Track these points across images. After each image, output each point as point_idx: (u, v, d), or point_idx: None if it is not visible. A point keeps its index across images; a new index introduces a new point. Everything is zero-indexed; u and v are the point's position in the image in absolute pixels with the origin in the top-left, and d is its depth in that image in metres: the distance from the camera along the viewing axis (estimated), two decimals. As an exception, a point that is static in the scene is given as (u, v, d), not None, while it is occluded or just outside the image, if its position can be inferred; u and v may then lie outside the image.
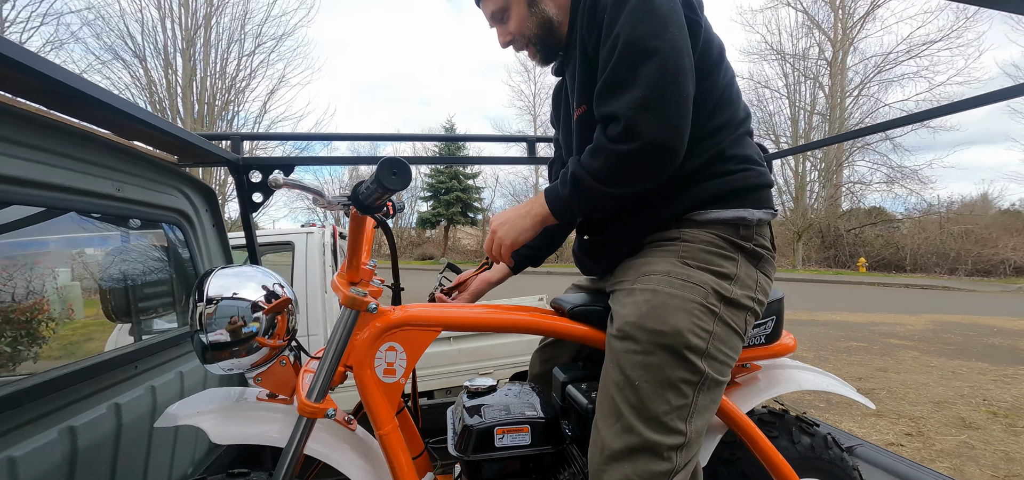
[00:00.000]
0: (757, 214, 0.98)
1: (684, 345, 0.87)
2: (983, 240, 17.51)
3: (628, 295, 0.95)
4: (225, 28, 14.70)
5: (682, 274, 0.92)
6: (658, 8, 0.86)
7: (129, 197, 1.21)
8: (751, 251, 0.98)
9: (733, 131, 0.99)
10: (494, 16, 1.10)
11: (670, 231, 0.99)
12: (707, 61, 0.94)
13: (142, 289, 1.39)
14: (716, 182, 0.96)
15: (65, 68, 0.81)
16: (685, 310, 0.88)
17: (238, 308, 0.87)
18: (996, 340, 6.79)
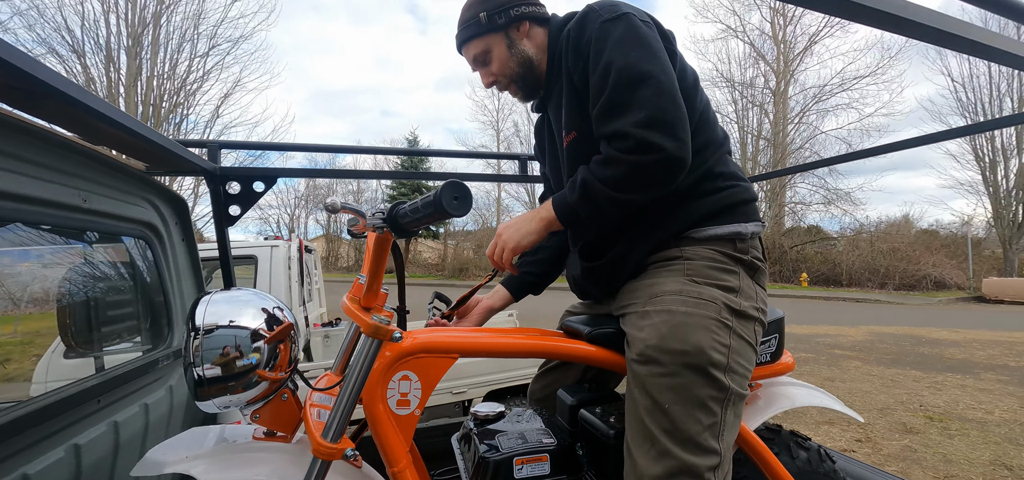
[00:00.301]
0: (750, 227, 1.03)
1: (708, 362, 0.88)
2: (907, 257, 19.32)
3: (643, 318, 0.96)
4: (176, 27, 13.86)
5: (693, 292, 0.95)
6: (643, 37, 0.93)
7: (95, 209, 1.08)
8: (749, 263, 1.03)
9: (715, 150, 1.05)
10: (477, 59, 1.16)
11: (671, 250, 1.02)
12: (684, 87, 0.99)
13: (105, 312, 1.24)
14: (708, 200, 1.01)
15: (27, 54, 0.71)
16: (703, 327, 0.90)
17: (236, 338, 0.78)
18: (925, 349, 7.44)
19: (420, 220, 0.60)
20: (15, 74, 0.69)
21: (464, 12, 1.15)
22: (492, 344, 0.95)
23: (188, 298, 1.54)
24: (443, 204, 0.55)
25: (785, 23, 21.40)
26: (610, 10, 0.98)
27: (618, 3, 1.00)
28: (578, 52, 1.01)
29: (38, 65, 0.72)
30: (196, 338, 0.75)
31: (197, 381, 0.75)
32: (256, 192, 1.54)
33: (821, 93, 20.96)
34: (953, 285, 18.15)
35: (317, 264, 5.14)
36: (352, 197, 34.15)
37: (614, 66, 0.92)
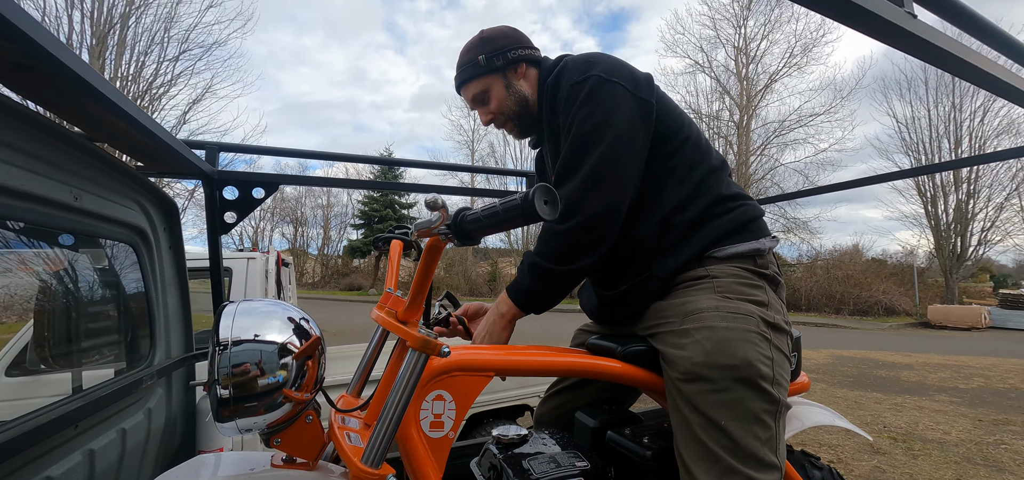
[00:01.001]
0: (766, 243, 1.07)
1: (757, 375, 0.89)
2: (860, 284, 20.49)
3: (682, 336, 0.95)
4: (146, 29, 13.28)
5: (730, 307, 0.96)
6: (603, 101, 1.00)
7: (86, 208, 0.97)
8: (771, 278, 1.06)
9: (718, 175, 1.10)
10: (475, 99, 1.22)
11: (696, 270, 1.04)
12: (669, 129, 1.06)
13: (85, 324, 1.11)
14: (723, 220, 1.05)
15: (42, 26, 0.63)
16: (746, 341, 0.91)
17: (262, 353, 0.71)
18: (882, 372, 7.83)
19: (496, 225, 0.55)
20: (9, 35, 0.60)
21: (463, 55, 1.21)
22: (530, 362, 0.90)
23: (172, 311, 1.41)
24: (535, 208, 0.50)
25: (747, 61, 22.80)
26: (580, 71, 1.05)
27: (591, 60, 1.06)
28: (554, 108, 1.11)
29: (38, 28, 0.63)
30: (222, 352, 0.67)
31: (220, 400, 0.67)
32: (255, 199, 1.45)
33: (781, 128, 22.32)
34: (901, 311, 19.34)
35: (292, 278, 4.91)
36: (321, 211, 33.23)
37: (574, 128, 1.01)
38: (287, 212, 32.44)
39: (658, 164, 1.06)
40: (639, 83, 1.05)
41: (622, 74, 1.04)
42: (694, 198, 1.05)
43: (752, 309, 0.96)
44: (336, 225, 33.18)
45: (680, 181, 1.06)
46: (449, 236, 0.59)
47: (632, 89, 1.03)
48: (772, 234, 1.11)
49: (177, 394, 1.39)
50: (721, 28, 21.85)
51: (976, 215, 19.73)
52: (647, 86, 1.06)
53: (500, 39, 1.20)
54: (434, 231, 0.59)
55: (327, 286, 29.90)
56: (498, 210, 0.55)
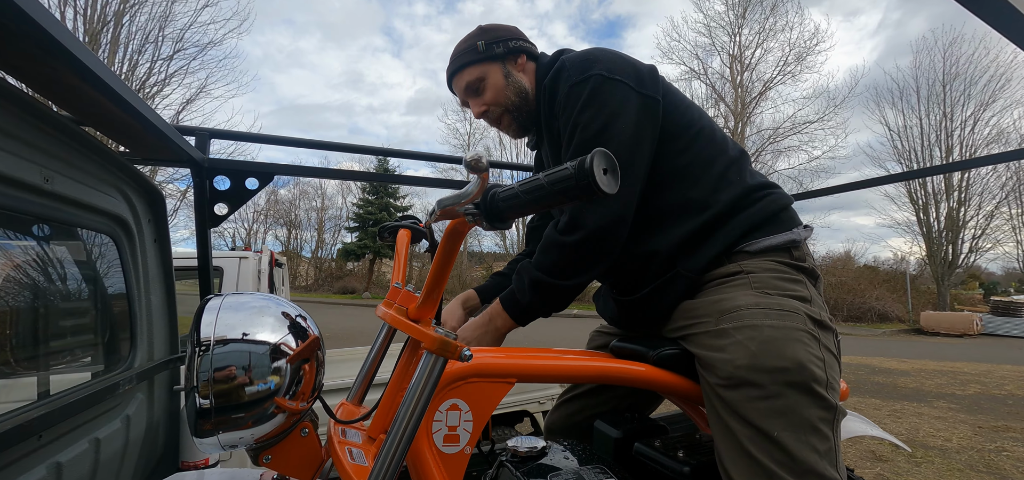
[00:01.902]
0: (802, 233, 0.99)
1: (811, 378, 0.80)
2: (853, 290, 20.63)
3: (720, 337, 0.87)
4: (140, 27, 13.09)
5: (773, 304, 0.87)
6: (606, 102, 0.93)
7: (59, 193, 0.87)
8: (810, 271, 0.98)
9: (739, 165, 1.03)
10: (469, 87, 1.12)
11: (728, 266, 0.96)
12: (679, 123, 0.99)
13: (56, 322, 1.00)
14: (751, 212, 0.97)
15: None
16: (795, 340, 0.83)
17: (252, 355, 0.61)
18: (879, 378, 7.82)
19: (538, 201, 0.44)
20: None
21: (460, 45, 1.14)
22: (555, 367, 0.81)
23: (156, 310, 1.31)
24: (594, 179, 0.39)
25: (742, 69, 22.97)
26: (580, 71, 0.98)
27: (591, 58, 0.99)
28: (552, 108, 1.04)
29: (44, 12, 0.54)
30: (203, 354, 0.57)
31: (199, 411, 0.57)
32: (248, 190, 1.35)
33: (775, 135, 22.48)
34: (894, 317, 19.47)
35: (285, 280, 4.78)
36: (315, 213, 32.96)
37: (578, 131, 0.94)
38: (281, 214, 32.17)
39: (671, 160, 0.98)
40: (643, 78, 0.98)
41: (625, 70, 0.97)
42: (716, 192, 0.97)
43: (796, 305, 0.88)
44: (330, 228, 32.97)
45: (698, 176, 0.98)
46: (477, 217, 0.49)
47: (636, 86, 0.95)
48: (805, 223, 1.02)
49: (160, 400, 1.28)
50: (716, 36, 22.04)
51: (967, 223, 19.96)
52: (652, 80, 0.99)
53: (500, 29, 1.14)
54: (461, 210, 0.49)
55: (321, 289, 29.58)
56: (542, 183, 0.44)
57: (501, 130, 1.18)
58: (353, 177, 1.68)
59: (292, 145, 1.49)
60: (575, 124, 0.95)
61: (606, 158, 0.42)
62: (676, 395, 0.92)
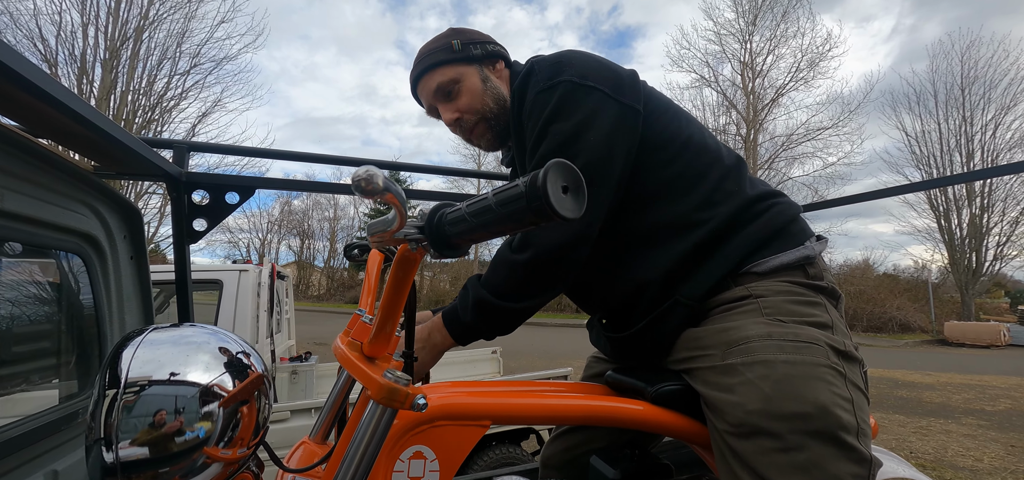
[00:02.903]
0: (816, 247, 0.87)
1: (837, 425, 0.68)
2: (873, 300, 20.02)
3: (727, 374, 0.76)
4: (158, 43, 13.48)
5: (788, 334, 0.75)
6: (575, 111, 0.84)
7: (10, 210, 0.82)
8: (829, 290, 0.86)
9: (736, 175, 0.92)
10: (440, 90, 1.01)
11: (734, 290, 0.84)
12: (664, 132, 0.90)
13: (9, 348, 0.95)
14: (754, 226, 0.86)
15: None
16: (816, 378, 0.71)
17: (177, 398, 0.53)
18: (903, 392, 7.50)
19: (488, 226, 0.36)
20: None
21: (429, 44, 1.03)
22: (536, 408, 0.72)
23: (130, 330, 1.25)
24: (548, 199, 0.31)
25: (753, 76, 22.69)
26: (547, 76, 0.88)
27: (561, 62, 0.90)
28: (520, 117, 0.95)
29: None
30: (115, 397, 0.50)
31: (106, 468, 0.49)
32: (228, 204, 1.30)
33: (788, 142, 22.09)
34: (917, 327, 18.81)
35: (288, 292, 4.76)
36: (327, 223, 33.34)
37: (540, 149, 0.86)
38: (294, 224, 32.60)
39: (656, 173, 0.89)
40: (621, 85, 0.88)
41: (599, 76, 0.87)
42: (711, 206, 0.86)
43: (816, 334, 0.76)
44: (342, 237, 33.28)
45: (689, 189, 0.87)
46: (422, 244, 0.41)
47: (613, 93, 0.86)
48: (818, 234, 0.91)
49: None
50: (727, 43, 21.83)
51: (991, 229, 19.27)
52: (631, 87, 0.88)
53: (476, 32, 1.04)
54: (400, 236, 0.41)
55: (332, 298, 29.78)
56: (490, 203, 0.36)
57: (473, 142, 1.07)
58: (334, 190, 1.61)
59: (270, 156, 1.43)
60: (540, 135, 0.86)
61: (565, 172, 0.34)
62: (683, 439, 0.81)
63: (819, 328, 0.78)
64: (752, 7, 21.04)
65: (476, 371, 4.43)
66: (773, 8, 20.71)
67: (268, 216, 31.47)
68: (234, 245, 28.66)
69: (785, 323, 0.77)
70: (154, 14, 13.31)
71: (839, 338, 0.78)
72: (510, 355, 4.81)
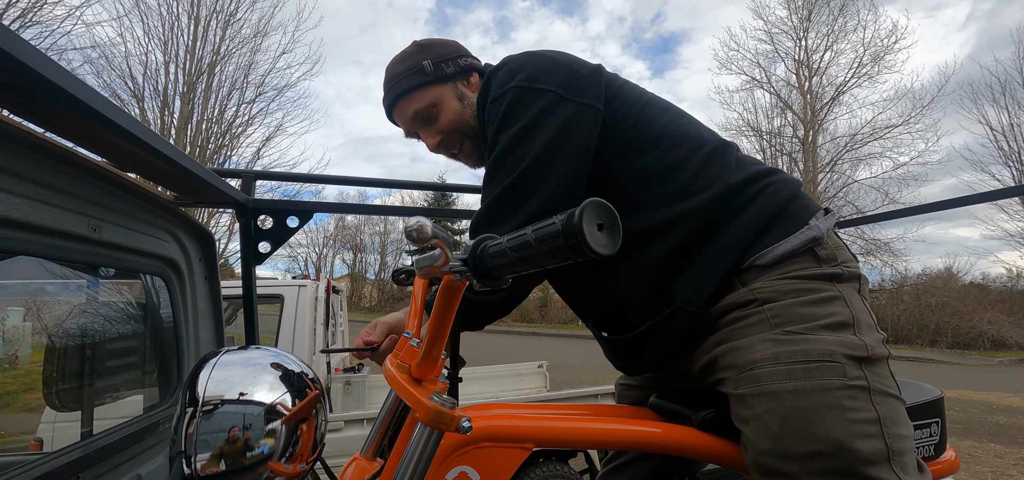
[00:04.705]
0: (823, 222, 0.77)
1: (857, 461, 0.61)
2: (959, 313, 17.93)
3: (741, 405, 0.70)
4: (228, 76, 14.87)
5: (796, 353, 0.67)
6: (521, 116, 0.82)
7: (107, 240, 0.93)
8: (847, 275, 0.76)
9: (720, 157, 0.83)
10: (418, 116, 0.99)
11: (739, 293, 0.76)
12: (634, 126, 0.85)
13: (103, 362, 1.07)
14: (747, 214, 0.77)
15: (49, 58, 0.57)
16: (829, 406, 0.63)
17: (245, 417, 0.58)
18: (1000, 418, 6.62)
19: (527, 259, 0.38)
20: (18, 72, 0.55)
21: (397, 65, 0.99)
22: (580, 431, 0.71)
23: (204, 345, 1.37)
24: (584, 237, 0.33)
25: (810, 74, 21.32)
26: (498, 86, 0.87)
27: (515, 67, 0.87)
28: (482, 119, 0.94)
29: (51, 65, 0.58)
30: (194, 415, 0.55)
31: (185, 478, 0.54)
32: (289, 228, 1.40)
33: (852, 142, 20.45)
34: (1014, 344, 16.60)
35: (343, 305, 5.01)
36: (378, 238, 34.81)
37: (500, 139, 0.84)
38: (348, 239, 34.35)
39: (628, 168, 0.83)
40: (577, 83, 0.84)
41: (552, 77, 0.83)
42: (690, 195, 0.79)
43: (829, 343, 0.68)
44: (392, 251, 34.59)
45: (664, 182, 0.81)
46: (466, 275, 0.42)
47: (566, 93, 0.82)
48: (825, 206, 0.81)
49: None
50: (779, 42, 20.67)
51: (1103, 233, 16.70)
52: (590, 85, 0.84)
53: (444, 45, 1.01)
54: (446, 270, 0.43)
55: (383, 309, 30.98)
56: (529, 239, 0.38)
57: (460, 160, 1.05)
58: (387, 212, 1.69)
59: (333, 183, 1.52)
60: (492, 143, 0.85)
61: (600, 211, 0.35)
62: (727, 465, 0.76)
63: (835, 331, 0.69)
64: (806, 2, 19.85)
65: (522, 385, 4.41)
66: (830, 2, 19.41)
67: (324, 231, 33.43)
68: (293, 259, 30.63)
69: (794, 336, 0.69)
70: (225, 50, 14.70)
71: (860, 338, 0.69)
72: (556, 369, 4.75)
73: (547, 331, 18.74)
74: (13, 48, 0.52)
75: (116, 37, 12.90)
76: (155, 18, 13.70)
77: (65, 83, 0.60)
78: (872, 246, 20.35)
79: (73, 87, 0.61)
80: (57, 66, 0.59)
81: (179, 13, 13.90)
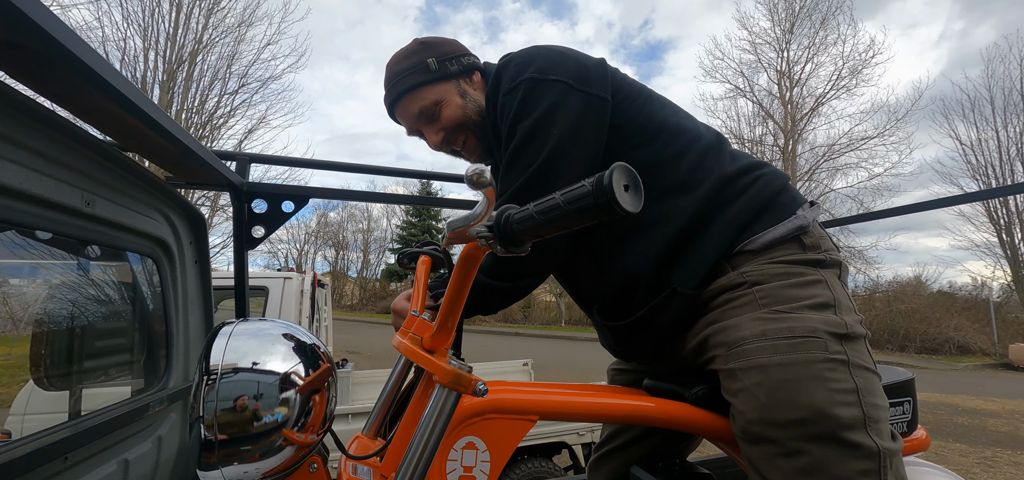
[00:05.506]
0: (809, 213, 0.83)
1: (836, 425, 0.66)
2: (928, 319, 18.67)
3: (732, 379, 0.75)
4: (210, 65, 14.44)
5: (782, 330, 0.73)
6: (538, 105, 0.85)
7: (99, 215, 0.90)
8: (829, 261, 0.82)
9: (716, 151, 0.89)
10: (423, 114, 1.01)
11: (729, 276, 0.82)
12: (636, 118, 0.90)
13: (92, 342, 1.04)
14: (739, 203, 0.83)
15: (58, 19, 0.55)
16: (811, 378, 0.68)
17: (260, 385, 0.58)
18: (964, 419, 6.95)
19: (554, 221, 0.40)
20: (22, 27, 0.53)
21: (400, 62, 1.00)
22: (584, 405, 0.74)
23: (193, 330, 1.34)
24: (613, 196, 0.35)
25: (791, 85, 21.93)
26: (512, 77, 0.90)
27: (526, 60, 0.91)
28: (493, 113, 0.96)
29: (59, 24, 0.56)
30: (211, 382, 0.55)
31: (204, 443, 0.54)
32: (284, 213, 1.38)
33: (830, 152, 21.13)
34: (978, 350, 17.38)
35: (327, 300, 4.93)
36: (361, 235, 34.31)
37: (517, 130, 0.87)
38: (330, 235, 33.77)
39: (630, 158, 0.86)
40: (586, 76, 0.88)
41: (562, 69, 0.88)
42: (690, 186, 0.85)
43: (813, 322, 0.73)
44: (375, 249, 34.15)
45: (667, 173, 0.86)
46: (491, 241, 0.44)
47: (577, 84, 0.86)
48: (811, 200, 0.87)
49: (193, 419, 1.29)
50: (762, 52, 21.19)
51: (1063, 245, 17.68)
52: (598, 77, 0.88)
53: (447, 44, 1.02)
54: (473, 233, 0.44)
55: (365, 308, 30.53)
56: (558, 201, 0.40)
57: (464, 157, 1.07)
58: (386, 200, 1.69)
59: (329, 168, 1.51)
60: (509, 134, 0.88)
61: (627, 174, 0.37)
62: (716, 438, 0.80)
63: (816, 310, 0.75)
64: (789, 15, 20.39)
65: (507, 382, 4.42)
66: (811, 15, 19.98)
67: (306, 227, 32.78)
68: (273, 255, 29.94)
69: (780, 314, 0.75)
70: (207, 38, 14.27)
71: (840, 318, 0.75)
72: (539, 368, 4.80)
73: (530, 331, 18.80)
74: (25, 4, 0.51)
75: (93, 21, 12.38)
76: (135, 3, 13.17)
77: (75, 47, 0.59)
78: (847, 254, 21.07)
79: (82, 52, 0.60)
80: (66, 28, 0.58)
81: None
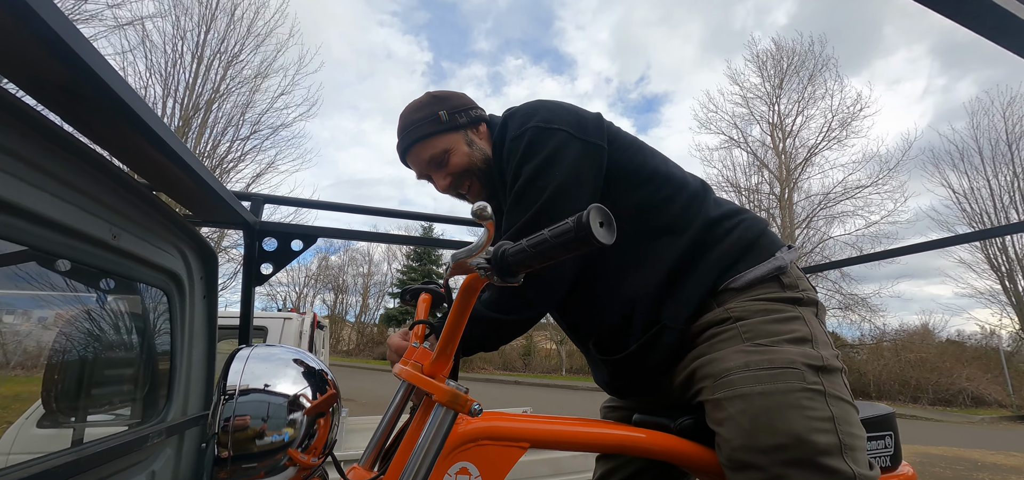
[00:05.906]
0: (787, 255, 0.91)
1: (813, 451, 0.70)
2: (938, 369, 18.21)
3: (717, 409, 0.80)
4: (225, 113, 15.01)
5: (763, 362, 0.78)
6: (542, 150, 0.93)
7: (123, 248, 0.96)
8: (807, 300, 0.89)
9: (701, 199, 0.98)
10: (432, 161, 1.10)
11: (715, 312, 0.88)
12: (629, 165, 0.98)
13: (101, 372, 1.06)
14: (723, 245, 0.91)
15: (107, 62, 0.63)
16: (790, 406, 0.73)
17: (269, 405, 0.61)
18: (985, 475, 6.67)
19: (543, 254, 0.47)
20: (79, 75, 0.61)
21: (413, 113, 1.10)
22: (574, 434, 0.76)
23: (196, 364, 1.36)
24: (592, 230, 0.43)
25: (784, 136, 22.62)
26: (518, 124, 0.99)
27: (531, 111, 1.00)
28: (500, 159, 1.04)
29: (113, 73, 0.64)
30: (227, 402, 0.58)
31: (217, 460, 0.57)
32: (293, 251, 1.44)
33: (826, 201, 21.46)
34: (993, 401, 16.84)
35: (325, 342, 4.90)
36: (361, 279, 34.22)
37: (522, 174, 0.94)
38: (330, 279, 33.69)
39: (623, 201, 0.95)
40: (585, 125, 0.98)
41: (564, 119, 0.97)
42: (678, 228, 0.93)
43: (791, 355, 0.78)
44: (375, 293, 33.95)
45: (657, 214, 0.95)
46: (489, 272, 0.50)
47: (577, 133, 0.95)
48: (788, 244, 0.95)
49: (188, 455, 1.29)
50: (754, 106, 22.00)
51: (1069, 293, 17.52)
52: (595, 128, 0.98)
53: (457, 98, 1.13)
54: (473, 264, 0.51)
55: (362, 354, 29.99)
56: (545, 237, 0.48)
57: (468, 199, 1.16)
58: (392, 240, 1.76)
59: (339, 210, 1.59)
60: (515, 176, 0.96)
61: (601, 213, 0.46)
62: (701, 470, 0.82)
63: (796, 344, 0.80)
64: (778, 72, 21.33)
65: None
66: (799, 72, 20.90)
67: (306, 271, 32.79)
68: (272, 298, 29.79)
69: (762, 347, 0.80)
70: (225, 88, 14.92)
71: (817, 351, 0.80)
72: (539, 415, 4.70)
73: (530, 379, 18.39)
74: (83, 51, 0.58)
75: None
76: (159, 55, 13.91)
77: (125, 94, 0.67)
78: (850, 301, 20.87)
79: (132, 100, 0.68)
80: (119, 77, 0.66)
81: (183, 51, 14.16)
